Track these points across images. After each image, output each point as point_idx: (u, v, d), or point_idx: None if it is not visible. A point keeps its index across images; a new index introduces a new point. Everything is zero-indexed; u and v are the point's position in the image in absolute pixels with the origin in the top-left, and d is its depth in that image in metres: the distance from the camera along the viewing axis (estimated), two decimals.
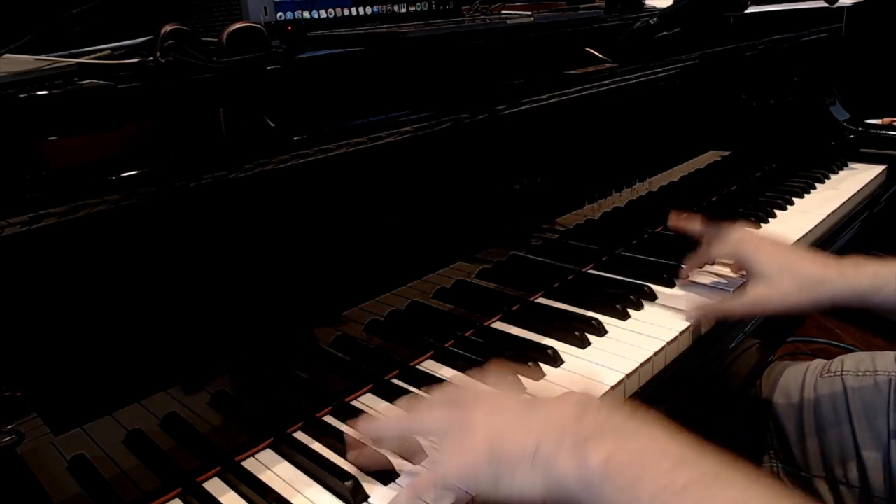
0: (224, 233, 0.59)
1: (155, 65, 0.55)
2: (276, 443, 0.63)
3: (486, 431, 0.50)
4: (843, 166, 1.42)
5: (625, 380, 0.69)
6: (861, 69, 1.67)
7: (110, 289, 0.52)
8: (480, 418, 0.51)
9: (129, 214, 0.51)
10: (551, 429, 0.48)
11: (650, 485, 0.44)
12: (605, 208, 0.99)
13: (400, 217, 0.73)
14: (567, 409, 0.50)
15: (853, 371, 0.88)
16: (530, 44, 0.87)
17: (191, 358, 0.58)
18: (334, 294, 0.68)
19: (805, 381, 0.91)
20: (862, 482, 0.82)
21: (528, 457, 0.47)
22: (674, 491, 0.43)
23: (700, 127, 1.20)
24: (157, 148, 0.54)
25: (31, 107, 0.48)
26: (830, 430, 0.86)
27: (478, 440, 0.49)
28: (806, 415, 0.89)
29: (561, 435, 0.47)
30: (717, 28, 1.15)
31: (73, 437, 0.52)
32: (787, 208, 1.19)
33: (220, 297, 0.59)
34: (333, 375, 0.69)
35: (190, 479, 0.58)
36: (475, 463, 0.49)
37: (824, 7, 1.19)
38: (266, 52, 0.61)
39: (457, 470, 0.51)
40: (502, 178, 0.84)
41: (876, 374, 0.86)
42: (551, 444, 0.47)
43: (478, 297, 0.83)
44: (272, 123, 0.60)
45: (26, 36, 0.55)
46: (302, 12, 0.76)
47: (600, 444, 0.46)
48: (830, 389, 0.88)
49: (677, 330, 0.78)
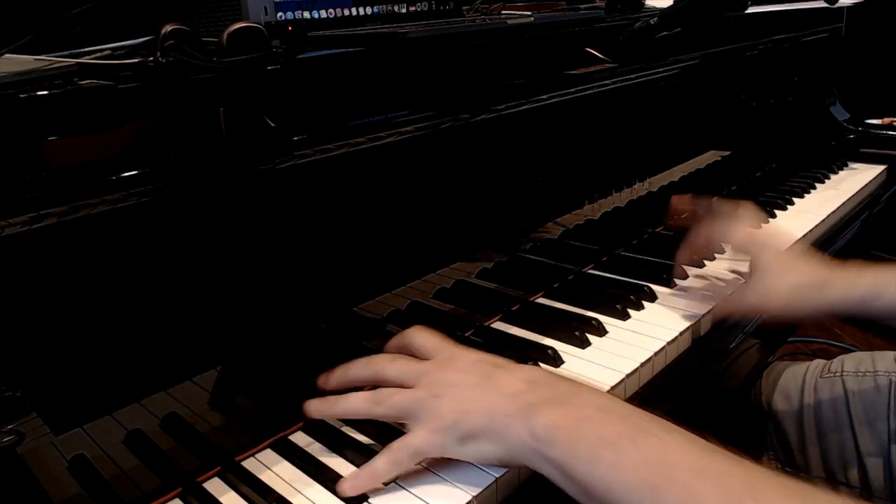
0: (224, 233, 0.59)
1: (155, 65, 0.55)
2: (276, 443, 0.63)
3: (451, 401, 0.55)
4: (843, 166, 1.42)
5: (625, 380, 0.69)
6: (861, 69, 1.67)
7: (110, 289, 0.52)
8: (445, 382, 0.57)
9: (129, 214, 0.51)
10: (506, 401, 0.54)
11: (587, 441, 0.49)
12: (605, 208, 0.99)
13: (400, 217, 0.73)
14: (520, 382, 0.55)
15: (853, 372, 0.88)
16: (530, 44, 0.87)
17: (191, 358, 0.58)
18: (334, 294, 0.68)
19: (805, 381, 0.91)
20: (863, 483, 0.82)
21: (487, 428, 0.53)
22: (607, 442, 0.48)
23: (700, 127, 1.20)
24: (157, 148, 0.54)
25: (31, 107, 0.48)
26: (831, 432, 0.86)
27: (444, 410, 0.55)
28: (806, 416, 0.89)
29: (514, 406, 0.53)
30: (717, 28, 1.15)
31: (73, 437, 0.52)
32: (787, 208, 1.19)
33: (220, 297, 0.59)
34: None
35: (190, 479, 0.58)
36: (442, 431, 0.54)
37: (824, 7, 1.18)
38: (266, 52, 0.60)
39: (426, 438, 0.55)
40: (502, 178, 0.84)
41: (876, 374, 0.86)
42: (505, 416, 0.52)
43: (478, 297, 0.83)
44: (272, 123, 0.60)
45: (26, 36, 0.55)
46: (302, 12, 0.76)
47: (546, 411, 0.51)
48: (830, 391, 0.88)
49: (677, 330, 0.78)
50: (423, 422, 0.55)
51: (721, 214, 0.87)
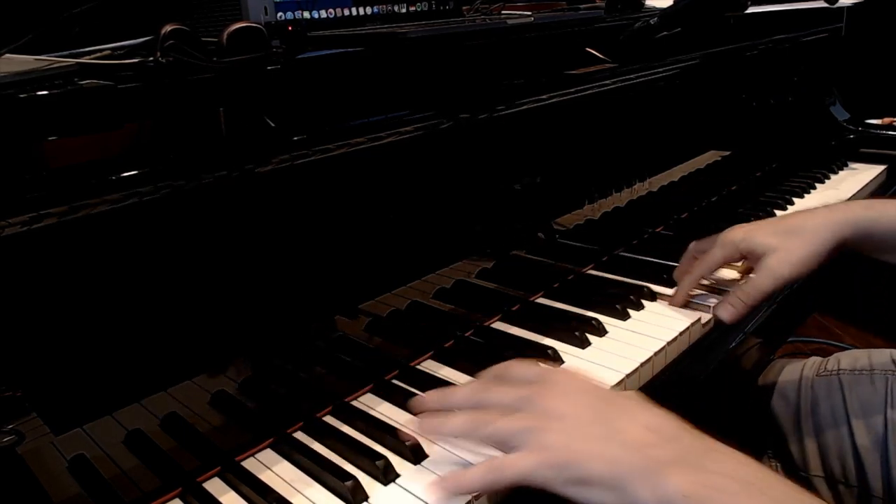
0: (224, 233, 0.59)
1: (155, 65, 0.55)
2: (276, 443, 0.63)
3: (560, 436, 0.50)
4: (843, 166, 1.42)
5: (625, 380, 0.69)
6: (861, 69, 1.67)
7: (110, 289, 0.52)
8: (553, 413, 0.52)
9: (129, 214, 0.51)
10: (630, 453, 0.48)
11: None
12: (605, 208, 0.99)
13: (400, 217, 0.73)
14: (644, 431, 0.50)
15: (849, 370, 0.88)
16: (530, 44, 0.87)
17: (191, 358, 0.58)
18: (334, 294, 0.68)
19: (802, 380, 0.91)
20: (860, 481, 0.82)
21: (606, 479, 0.48)
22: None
23: (700, 127, 1.20)
24: (158, 148, 0.54)
25: (31, 107, 0.48)
26: (828, 430, 0.86)
27: (555, 444, 0.50)
28: (803, 415, 0.89)
29: (639, 460, 0.48)
30: (717, 28, 1.15)
31: (73, 437, 0.52)
32: (788, 208, 1.19)
33: (220, 297, 0.59)
34: (333, 375, 0.69)
35: (190, 479, 0.58)
36: (554, 468, 0.49)
37: (824, 7, 1.19)
38: (266, 52, 0.61)
39: (534, 468, 0.50)
40: (502, 178, 0.84)
41: (872, 372, 0.86)
42: (629, 471, 0.47)
43: (478, 297, 0.83)
44: (272, 123, 0.60)
45: (26, 36, 0.55)
46: (302, 12, 0.76)
47: (676, 473, 0.46)
48: (828, 389, 0.88)
49: (677, 330, 0.78)
50: (530, 450, 0.51)
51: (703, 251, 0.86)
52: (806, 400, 0.89)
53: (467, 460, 0.58)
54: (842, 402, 0.86)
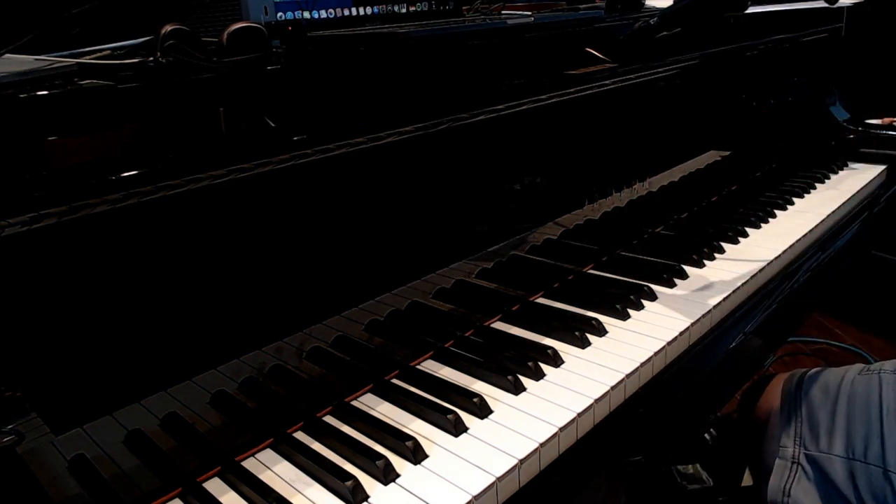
0: (224, 233, 0.59)
1: (155, 65, 0.55)
2: (276, 443, 0.63)
3: None
4: (843, 166, 1.42)
5: (625, 380, 0.69)
6: (861, 69, 1.67)
7: (110, 289, 0.52)
8: None
9: (129, 214, 0.51)
10: None
11: None
12: (605, 208, 0.99)
13: (400, 217, 0.73)
14: None
15: (892, 370, 0.91)
16: (530, 44, 0.87)
17: (191, 358, 0.58)
18: (334, 294, 0.68)
19: (844, 378, 0.95)
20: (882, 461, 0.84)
21: None
22: None
23: (700, 127, 1.20)
24: (158, 148, 0.54)
25: (32, 107, 0.48)
26: (860, 413, 0.89)
27: None
28: (840, 403, 0.92)
29: None
30: (717, 28, 1.15)
31: (73, 437, 0.52)
32: (787, 208, 1.19)
33: (220, 297, 0.59)
34: (333, 375, 0.69)
35: (190, 479, 0.58)
36: None
37: (824, 7, 1.19)
38: (266, 53, 0.61)
39: None
40: (502, 178, 0.84)
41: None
42: None
43: (478, 297, 0.83)
44: (272, 123, 0.60)
45: (26, 36, 0.55)
46: (302, 12, 0.76)
47: None
48: (867, 384, 0.92)
49: (677, 330, 0.78)
50: None
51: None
52: (845, 392, 0.92)
53: (467, 460, 0.58)
54: (878, 393, 0.89)
